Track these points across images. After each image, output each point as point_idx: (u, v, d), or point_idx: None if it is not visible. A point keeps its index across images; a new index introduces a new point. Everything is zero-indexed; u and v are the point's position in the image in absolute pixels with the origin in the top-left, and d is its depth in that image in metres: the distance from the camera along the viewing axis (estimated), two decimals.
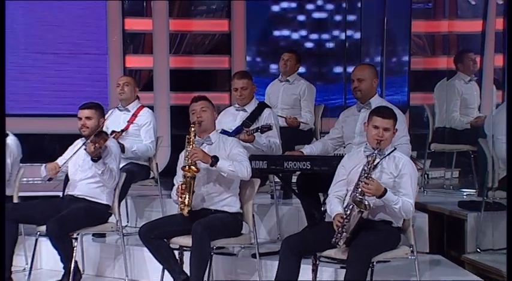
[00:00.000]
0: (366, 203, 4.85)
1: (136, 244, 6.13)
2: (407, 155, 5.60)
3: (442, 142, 7.60)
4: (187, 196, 5.51)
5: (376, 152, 5.01)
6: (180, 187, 5.55)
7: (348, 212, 4.91)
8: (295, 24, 9.71)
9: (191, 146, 5.56)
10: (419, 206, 6.24)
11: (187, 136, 5.63)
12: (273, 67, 9.15)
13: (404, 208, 4.95)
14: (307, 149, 6.10)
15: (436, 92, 7.85)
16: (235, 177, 5.53)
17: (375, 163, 5.00)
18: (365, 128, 5.22)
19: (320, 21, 9.68)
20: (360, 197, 4.86)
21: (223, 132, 6.27)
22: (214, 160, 5.45)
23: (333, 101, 9.14)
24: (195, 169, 5.47)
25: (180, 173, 5.68)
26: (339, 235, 4.89)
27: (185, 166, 5.51)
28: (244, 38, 9.58)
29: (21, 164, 6.73)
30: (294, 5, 9.71)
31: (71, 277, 6.05)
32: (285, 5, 9.69)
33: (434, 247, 6.19)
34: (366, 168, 4.98)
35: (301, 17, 9.72)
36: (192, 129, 5.65)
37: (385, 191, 4.90)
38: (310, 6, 9.68)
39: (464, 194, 7.30)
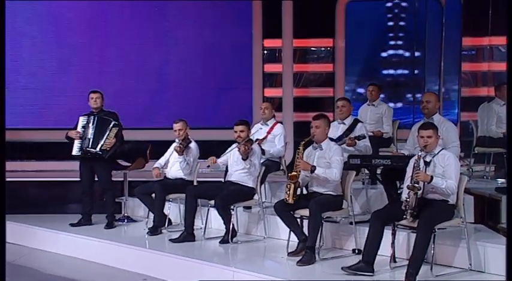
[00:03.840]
0: (417, 186, 4.85)
1: (272, 214, 6.10)
2: (456, 154, 5.51)
3: (483, 146, 7.31)
4: (291, 192, 5.50)
5: (422, 153, 5.04)
6: (286, 185, 5.58)
7: (407, 196, 4.91)
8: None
9: (298, 159, 5.57)
10: (467, 191, 6.05)
11: (297, 150, 5.64)
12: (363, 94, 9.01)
13: (449, 187, 4.93)
14: (405, 152, 6.00)
15: (479, 112, 7.57)
16: (327, 179, 5.51)
17: (426, 160, 5.02)
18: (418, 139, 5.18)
19: (395, 62, 9.52)
20: (413, 184, 4.87)
21: (330, 139, 6.23)
22: (313, 168, 5.47)
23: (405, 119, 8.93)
24: (296, 175, 5.49)
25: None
26: (406, 211, 4.90)
27: (290, 173, 5.56)
28: (343, 76, 9.50)
29: (198, 160, 6.86)
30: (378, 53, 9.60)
31: (230, 234, 6.20)
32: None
33: (478, 218, 5.98)
34: (415, 164, 4.97)
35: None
36: (302, 143, 5.64)
37: (432, 177, 4.90)
38: (390, 52, 9.50)
39: (499, 182, 7.00)
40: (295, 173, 5.51)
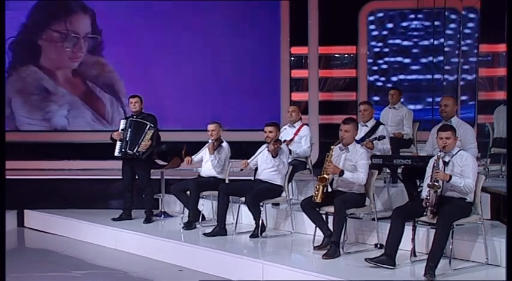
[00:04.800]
0: (436, 184, 4.82)
1: (298, 210, 6.09)
2: (474, 154, 5.43)
3: (499, 147, 7.16)
4: (319, 193, 5.47)
5: (441, 154, 4.99)
6: (315, 186, 5.55)
7: (427, 194, 4.87)
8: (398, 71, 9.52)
9: (327, 162, 5.51)
10: (484, 189, 5.94)
11: (327, 153, 5.59)
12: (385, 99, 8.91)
13: (467, 186, 4.88)
14: (423, 152, 5.95)
15: (495, 114, 7.44)
16: (354, 183, 5.48)
17: (445, 160, 4.96)
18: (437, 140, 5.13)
19: (416, 68, 9.42)
20: (433, 183, 4.82)
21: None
22: (341, 173, 5.43)
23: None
24: (325, 178, 5.44)
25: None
26: (426, 208, 4.88)
27: (319, 175, 5.50)
28: (366, 81, 9.43)
29: (230, 160, 6.88)
30: (399, 59, 9.47)
31: (259, 229, 6.21)
32: (391, 60, 9.48)
33: (494, 215, 5.88)
34: (435, 164, 4.93)
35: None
36: (332, 147, 5.59)
37: (450, 177, 4.85)
38: (406, 60, 9.42)
39: None
40: (325, 176, 5.47)
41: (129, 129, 7.09)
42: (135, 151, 7.04)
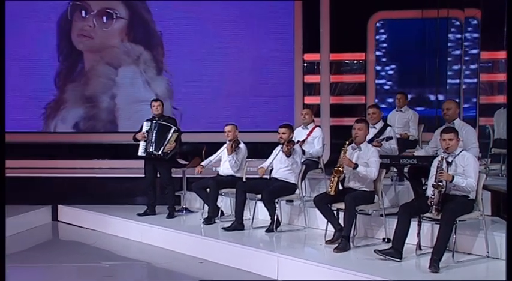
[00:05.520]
0: (441, 184, 4.85)
1: (311, 206, 6.11)
2: (475, 154, 5.45)
3: (499, 147, 7.15)
4: (334, 185, 5.49)
5: (445, 155, 5.00)
6: (331, 178, 5.57)
7: (432, 193, 4.90)
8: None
9: (342, 155, 5.55)
10: (485, 187, 5.92)
11: (342, 148, 5.62)
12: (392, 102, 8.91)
13: (469, 185, 4.90)
14: (421, 152, 5.97)
15: (495, 117, 7.44)
16: (366, 177, 5.49)
17: (448, 160, 4.98)
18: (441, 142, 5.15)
19: (420, 74, 9.41)
20: (437, 182, 4.85)
21: None
22: (355, 165, 5.46)
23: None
24: (341, 170, 5.48)
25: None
26: (431, 207, 4.90)
27: (335, 167, 5.53)
28: (374, 85, 9.44)
29: (247, 160, 6.93)
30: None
31: (274, 224, 6.24)
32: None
33: (494, 211, 5.88)
34: (439, 164, 4.95)
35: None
36: (347, 142, 5.62)
37: (453, 177, 4.87)
38: (416, 65, 9.42)
39: None
40: (341, 168, 5.50)
41: (154, 131, 7.13)
42: (160, 152, 7.08)
